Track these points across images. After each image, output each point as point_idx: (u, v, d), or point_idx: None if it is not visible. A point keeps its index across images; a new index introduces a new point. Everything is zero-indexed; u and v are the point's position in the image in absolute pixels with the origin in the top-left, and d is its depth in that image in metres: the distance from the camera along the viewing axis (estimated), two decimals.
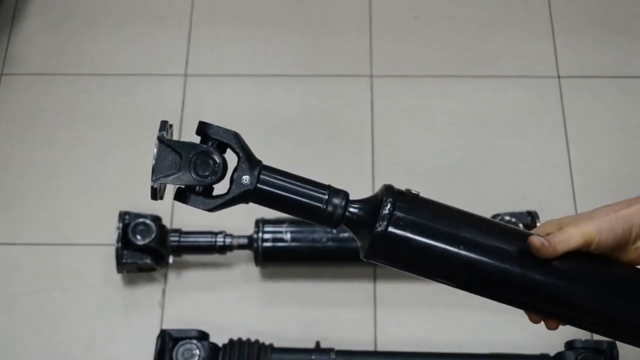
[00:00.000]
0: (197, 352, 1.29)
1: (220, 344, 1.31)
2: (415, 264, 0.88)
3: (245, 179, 0.88)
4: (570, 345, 1.31)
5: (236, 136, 0.89)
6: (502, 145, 1.58)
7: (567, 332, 1.35)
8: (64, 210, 1.51)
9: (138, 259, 1.39)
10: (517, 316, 1.40)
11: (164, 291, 1.44)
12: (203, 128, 0.88)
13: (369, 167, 1.55)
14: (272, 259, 1.40)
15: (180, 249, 1.41)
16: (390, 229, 0.85)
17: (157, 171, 0.86)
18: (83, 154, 1.57)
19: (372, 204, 0.87)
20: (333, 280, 1.45)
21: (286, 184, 0.89)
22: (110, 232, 1.42)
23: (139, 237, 1.38)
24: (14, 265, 1.47)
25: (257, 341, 1.31)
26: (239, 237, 1.40)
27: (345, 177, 1.54)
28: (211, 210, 0.88)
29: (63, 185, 1.54)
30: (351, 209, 0.87)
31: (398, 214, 0.85)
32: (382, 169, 1.55)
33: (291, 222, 1.40)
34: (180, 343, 1.30)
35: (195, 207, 0.87)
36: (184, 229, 1.42)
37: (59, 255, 1.47)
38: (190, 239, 1.41)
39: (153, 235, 1.38)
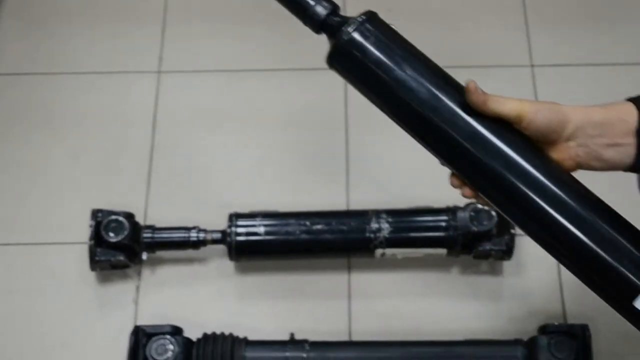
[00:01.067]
0: (171, 347, 1.29)
1: (195, 339, 1.31)
2: (366, 79, 0.93)
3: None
4: (543, 329, 1.31)
5: None
6: None
7: (541, 317, 1.35)
8: (37, 210, 1.51)
9: (111, 256, 1.38)
10: (491, 303, 1.42)
11: (138, 288, 1.43)
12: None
13: (343, 161, 1.55)
14: (246, 252, 1.39)
15: (154, 245, 1.40)
16: (355, 34, 0.91)
17: None
18: (57, 153, 1.56)
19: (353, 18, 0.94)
20: (308, 272, 1.45)
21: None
22: (84, 231, 1.41)
23: (111, 234, 1.37)
24: None
25: (231, 335, 1.31)
26: (212, 231, 1.40)
27: (319, 168, 1.56)
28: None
29: (37, 184, 1.53)
30: (335, 17, 0.94)
31: (368, 25, 0.92)
32: (357, 165, 1.55)
33: (264, 216, 1.40)
34: (154, 339, 1.30)
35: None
36: (158, 225, 1.41)
37: (33, 255, 1.46)
38: (164, 235, 1.41)
39: (126, 232, 1.37)
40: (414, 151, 1.53)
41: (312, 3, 0.96)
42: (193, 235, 1.40)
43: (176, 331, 1.31)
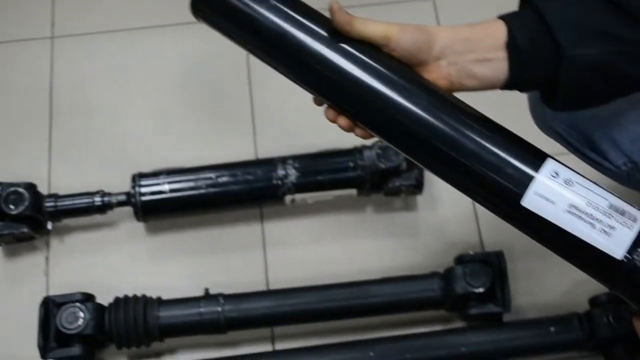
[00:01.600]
0: (82, 314, 1.25)
1: (105, 304, 1.28)
2: (230, 19, 0.90)
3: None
4: (459, 259, 1.31)
5: None
6: None
7: (458, 248, 1.35)
8: None
9: (14, 229, 1.33)
10: (408, 239, 1.42)
11: (47, 259, 1.39)
12: None
13: (248, 111, 1.52)
14: (152, 212, 1.36)
15: (59, 214, 1.36)
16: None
17: None
18: None
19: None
20: (220, 225, 1.42)
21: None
22: None
23: (12, 206, 1.33)
24: None
25: (143, 296, 1.29)
26: (117, 194, 1.36)
27: (225, 120, 1.53)
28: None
29: None
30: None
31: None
32: (263, 114, 1.52)
33: (168, 173, 1.36)
34: (64, 308, 1.26)
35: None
36: (63, 193, 1.37)
37: None
38: (67, 203, 1.36)
39: (26, 203, 1.32)
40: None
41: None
42: (97, 199, 1.36)
43: (87, 298, 1.28)
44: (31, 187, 1.36)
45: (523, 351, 1.27)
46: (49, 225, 1.37)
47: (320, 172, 1.37)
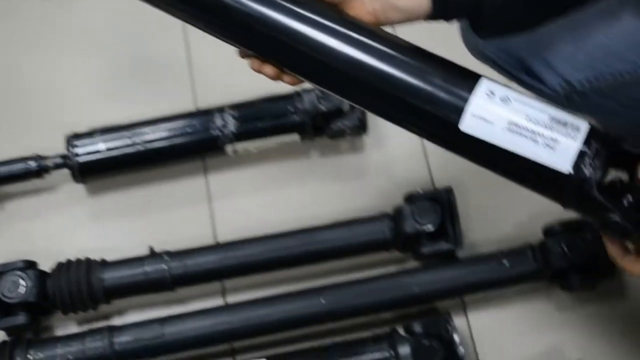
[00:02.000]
0: (23, 282, 1.22)
1: (48, 270, 1.25)
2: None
3: None
4: (408, 198, 1.28)
5: None
6: None
7: (409, 187, 1.31)
8: None
9: None
10: (356, 182, 1.38)
11: None
12: None
13: (185, 64, 1.48)
14: (90, 172, 1.32)
15: None
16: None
17: None
18: None
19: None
20: (163, 182, 1.38)
21: None
22: None
23: None
24: None
25: (86, 259, 1.25)
26: (53, 157, 1.32)
27: (162, 75, 1.48)
28: None
29: None
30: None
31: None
32: (200, 66, 1.48)
33: (104, 131, 1.32)
34: (4, 277, 1.23)
35: None
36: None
37: None
38: (2, 169, 1.32)
39: None
40: None
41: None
42: (33, 164, 1.32)
43: (28, 265, 1.24)
44: None
45: (477, 287, 1.24)
46: None
47: (259, 119, 1.32)
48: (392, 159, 1.39)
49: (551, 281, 1.26)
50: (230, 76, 1.44)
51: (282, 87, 1.30)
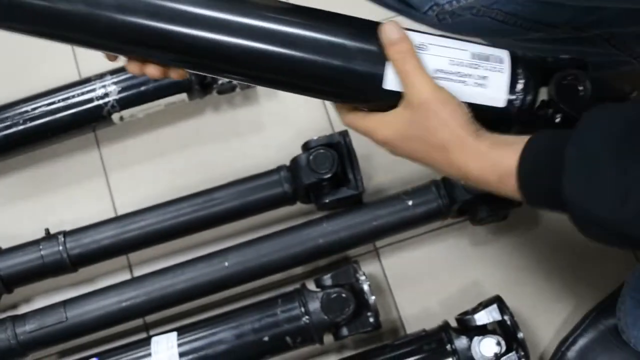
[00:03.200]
0: None
1: None
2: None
3: None
4: (304, 147, 1.22)
5: None
6: None
7: (309, 136, 1.25)
8: None
9: None
10: (255, 136, 1.33)
11: None
12: None
13: None
14: None
15: None
16: None
17: None
18: None
19: None
20: (55, 160, 1.33)
21: None
22: None
23: None
24: None
25: None
26: None
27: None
28: None
29: None
30: None
31: None
32: None
33: None
34: None
35: None
36: None
37: None
38: None
39: None
40: None
41: None
42: None
43: None
44: None
45: (385, 230, 1.19)
46: None
47: (142, 83, 1.25)
48: (288, 108, 1.33)
49: (459, 217, 1.23)
50: None
51: None
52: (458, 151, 0.79)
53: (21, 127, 1.24)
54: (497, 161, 0.76)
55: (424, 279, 1.24)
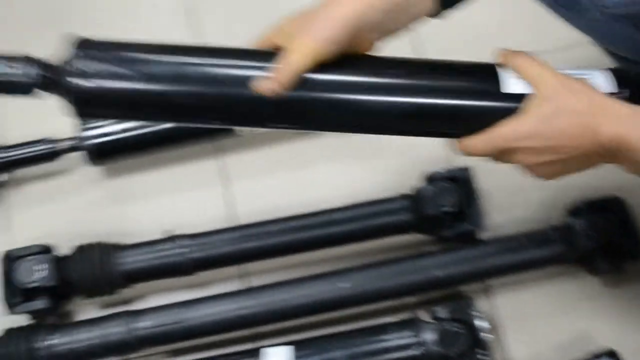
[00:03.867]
0: (39, 267, 1.20)
1: (66, 254, 1.23)
2: (123, 108, 0.86)
3: None
4: (428, 179, 1.25)
5: None
6: None
7: (426, 166, 1.28)
8: None
9: None
10: (374, 162, 1.35)
11: (4, 212, 1.34)
12: None
13: None
14: (105, 155, 1.30)
15: (8, 165, 1.31)
16: (81, 82, 0.82)
17: None
18: None
19: (61, 62, 0.84)
20: (178, 163, 1.36)
21: None
22: None
23: None
24: None
25: (104, 243, 1.24)
26: (63, 140, 1.29)
27: None
28: None
29: None
30: (43, 72, 0.85)
31: (80, 65, 0.83)
32: None
33: None
34: (20, 262, 1.21)
35: None
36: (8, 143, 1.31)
37: None
38: (13, 153, 1.30)
39: None
40: None
41: (15, 79, 0.85)
42: (42, 147, 1.29)
43: (45, 250, 1.23)
44: None
45: (501, 270, 1.22)
46: (3, 178, 1.32)
47: None
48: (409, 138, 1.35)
49: (577, 264, 1.24)
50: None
51: None
52: (605, 115, 0.83)
53: (154, 128, 1.28)
54: None
55: (533, 322, 1.24)
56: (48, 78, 0.85)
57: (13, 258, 1.23)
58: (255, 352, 1.19)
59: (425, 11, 0.86)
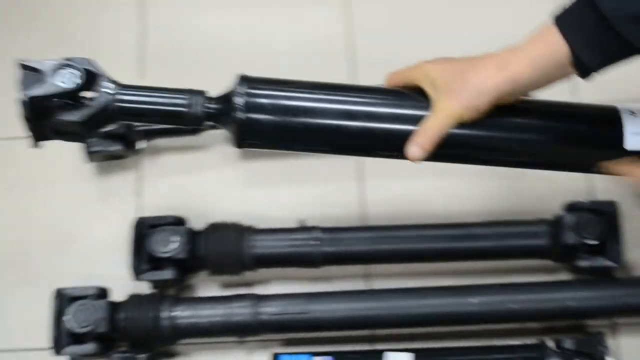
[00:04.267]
0: (175, 238, 1.21)
1: (198, 229, 1.24)
2: (286, 141, 0.98)
3: (108, 88, 0.95)
4: (569, 207, 1.24)
5: (91, 61, 0.97)
6: None
7: (567, 194, 1.27)
8: None
9: (108, 146, 1.30)
10: (514, 183, 1.34)
11: (138, 179, 1.35)
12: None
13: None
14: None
15: (151, 133, 1.32)
16: (250, 115, 0.94)
17: (24, 87, 0.94)
18: (39, 39, 1.46)
19: (229, 96, 0.96)
20: (315, 155, 1.32)
21: (146, 96, 0.97)
22: None
23: None
24: None
25: (237, 223, 1.24)
26: None
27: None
28: (82, 122, 0.95)
29: None
30: (211, 105, 0.97)
31: (252, 100, 0.94)
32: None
33: None
34: (156, 230, 1.23)
35: (68, 119, 0.95)
36: None
37: (25, 149, 1.38)
38: None
39: None
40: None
41: (184, 109, 0.95)
42: None
43: (179, 222, 1.24)
44: None
45: (633, 310, 1.20)
46: (143, 144, 1.33)
47: None
48: None
49: None
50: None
51: None
52: None
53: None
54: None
55: None
56: (216, 110, 0.97)
57: (147, 225, 1.24)
58: (375, 354, 1.19)
59: (568, 76, 0.89)
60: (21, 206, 1.36)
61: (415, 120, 0.94)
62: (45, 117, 0.97)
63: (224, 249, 1.22)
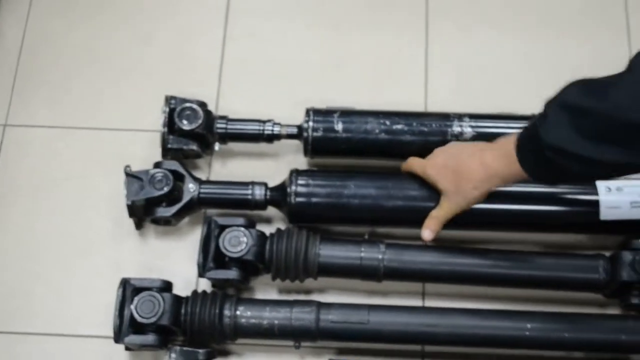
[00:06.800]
0: (245, 239, 1.25)
1: (268, 234, 1.28)
2: (332, 218, 1.31)
3: (192, 187, 1.30)
4: (627, 245, 1.28)
5: (180, 163, 1.32)
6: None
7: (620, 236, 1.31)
8: (106, 94, 1.47)
9: (184, 145, 1.34)
10: None
11: (208, 179, 1.39)
12: (156, 164, 1.31)
13: (422, 61, 1.50)
14: (322, 149, 1.34)
15: (227, 136, 1.36)
16: (298, 199, 1.27)
17: (129, 194, 1.28)
18: (126, 36, 1.52)
19: (283, 185, 1.30)
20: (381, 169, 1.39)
21: (220, 189, 1.32)
22: (153, 118, 1.38)
23: (185, 122, 1.33)
24: (53, 149, 1.43)
25: (306, 231, 1.28)
26: (288, 126, 1.35)
27: (397, 68, 1.51)
28: (173, 216, 1.30)
29: (105, 68, 1.49)
30: (270, 193, 1.31)
31: (300, 188, 1.28)
32: (436, 67, 1.50)
33: (343, 113, 1.34)
34: (227, 230, 1.26)
35: (162, 215, 1.30)
36: (230, 116, 1.37)
37: (101, 140, 1.43)
38: (238, 127, 1.36)
39: (200, 121, 1.32)
40: (497, 54, 1.50)
41: (250, 197, 1.30)
42: (268, 128, 1.36)
43: (249, 224, 1.28)
44: (203, 105, 1.36)
45: None
46: (217, 147, 1.37)
47: (496, 135, 1.33)
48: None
49: None
50: (463, 83, 1.48)
51: (518, 109, 1.35)
52: None
53: (374, 136, 1.32)
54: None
55: None
56: (274, 197, 1.31)
57: (217, 225, 1.28)
58: None
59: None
60: (89, 196, 1.40)
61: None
62: (145, 213, 1.31)
63: (290, 254, 1.26)
